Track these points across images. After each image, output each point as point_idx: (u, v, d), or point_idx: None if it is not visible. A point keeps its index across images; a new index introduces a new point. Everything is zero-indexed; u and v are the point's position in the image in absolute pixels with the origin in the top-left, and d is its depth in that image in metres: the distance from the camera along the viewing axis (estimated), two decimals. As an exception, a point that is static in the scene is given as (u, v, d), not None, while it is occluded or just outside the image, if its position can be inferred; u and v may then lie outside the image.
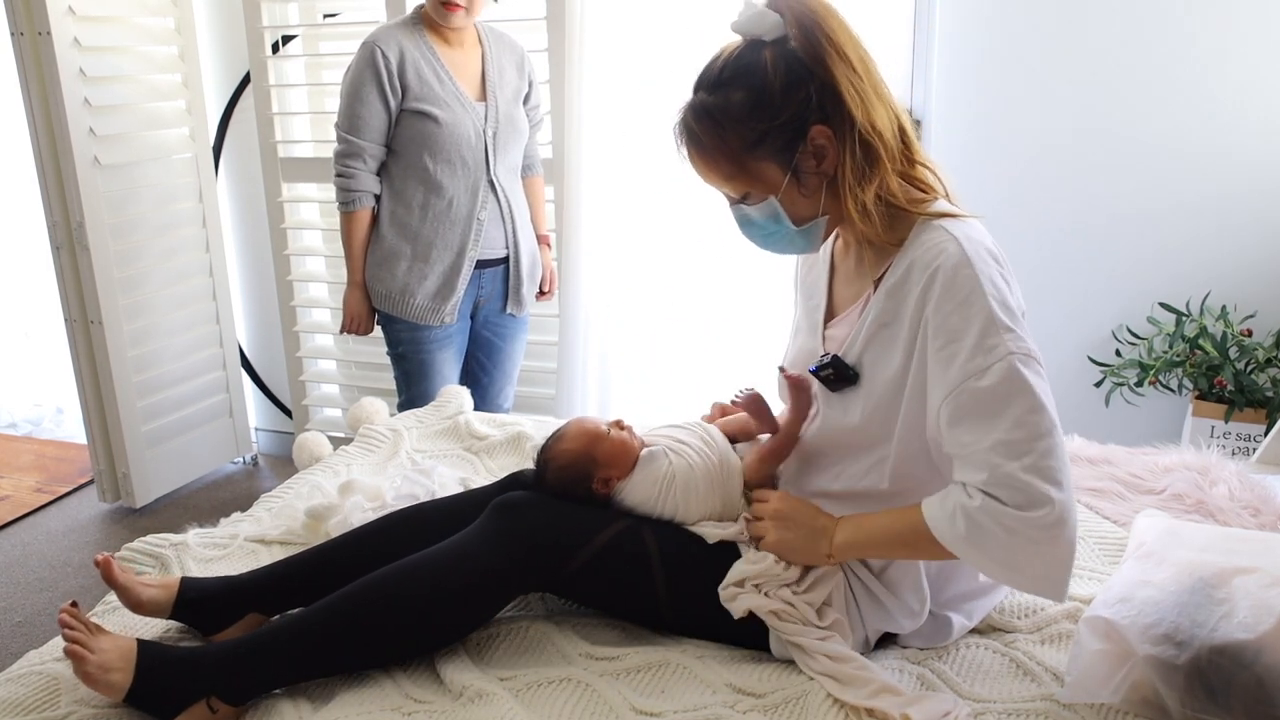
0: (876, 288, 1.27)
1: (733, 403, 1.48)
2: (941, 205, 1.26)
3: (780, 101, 1.19)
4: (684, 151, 1.27)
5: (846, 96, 1.19)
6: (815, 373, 1.31)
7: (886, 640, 1.38)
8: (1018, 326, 1.17)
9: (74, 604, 1.31)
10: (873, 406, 1.26)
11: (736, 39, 1.24)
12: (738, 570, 1.33)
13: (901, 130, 1.25)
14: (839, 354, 1.30)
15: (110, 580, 1.40)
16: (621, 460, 1.43)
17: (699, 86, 1.25)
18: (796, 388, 1.37)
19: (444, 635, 1.33)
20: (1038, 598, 1.43)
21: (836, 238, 1.39)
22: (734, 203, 1.30)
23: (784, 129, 1.20)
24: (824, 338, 1.36)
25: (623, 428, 1.48)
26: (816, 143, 1.21)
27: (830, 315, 1.38)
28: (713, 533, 1.38)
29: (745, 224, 1.31)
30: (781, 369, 1.42)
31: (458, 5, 2.24)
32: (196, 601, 1.43)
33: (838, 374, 1.29)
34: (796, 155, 1.22)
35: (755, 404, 1.44)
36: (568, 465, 1.43)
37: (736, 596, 1.31)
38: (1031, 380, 1.14)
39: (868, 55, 1.23)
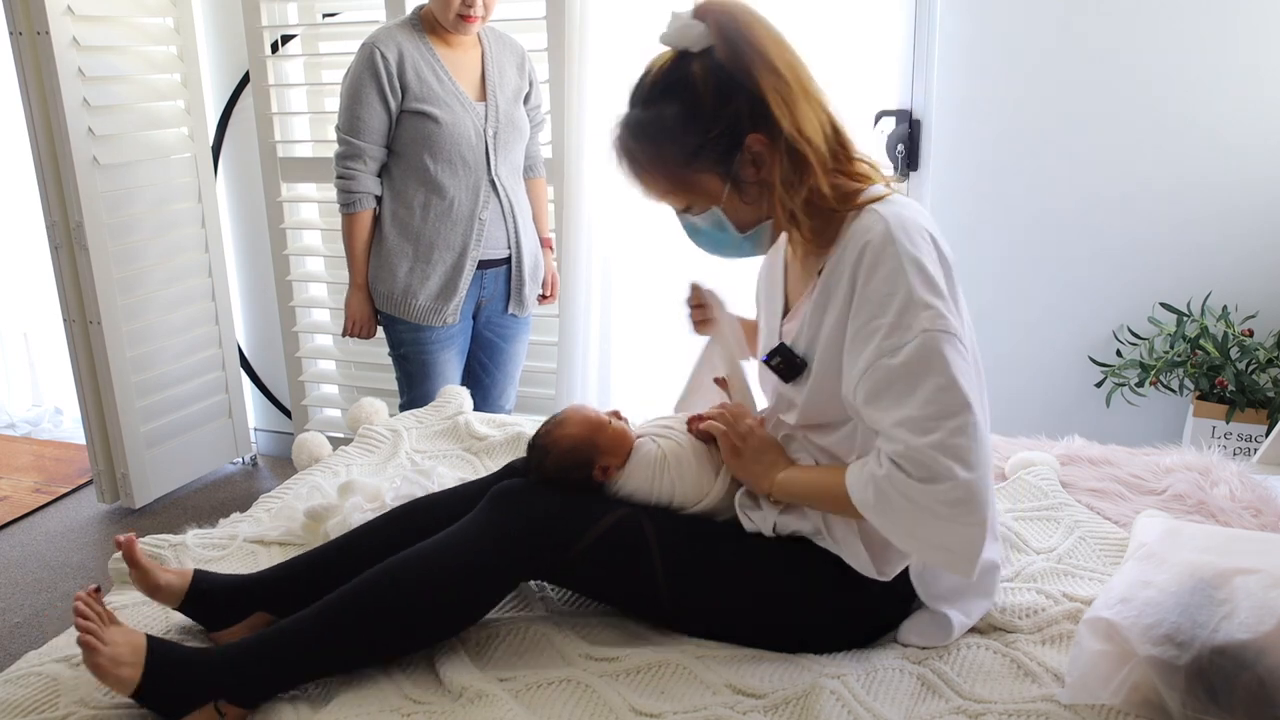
0: (818, 279, 1.30)
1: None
2: (874, 190, 1.27)
3: (712, 114, 1.21)
4: (622, 166, 1.29)
5: (773, 106, 1.20)
6: (765, 362, 1.35)
7: (887, 640, 1.38)
8: (940, 303, 1.17)
9: (97, 589, 1.30)
10: (824, 389, 1.29)
11: (667, 51, 1.24)
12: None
13: (835, 130, 1.26)
14: (789, 344, 1.33)
15: (132, 561, 1.40)
16: (620, 449, 1.45)
17: (632, 101, 1.27)
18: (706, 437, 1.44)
19: (448, 626, 1.33)
20: (1037, 597, 1.43)
21: (789, 240, 1.41)
22: (679, 213, 1.32)
23: (719, 140, 1.22)
24: (780, 333, 1.39)
25: (620, 418, 1.50)
26: (753, 150, 1.22)
27: (786, 312, 1.41)
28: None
29: (693, 233, 1.34)
30: (688, 424, 1.48)
31: (475, 18, 2.25)
32: (208, 594, 1.43)
33: (786, 362, 1.32)
34: (734, 164, 1.23)
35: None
36: (571, 450, 1.44)
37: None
38: (947, 357, 1.15)
39: (796, 59, 1.23)
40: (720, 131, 1.21)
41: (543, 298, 2.65)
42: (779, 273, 1.43)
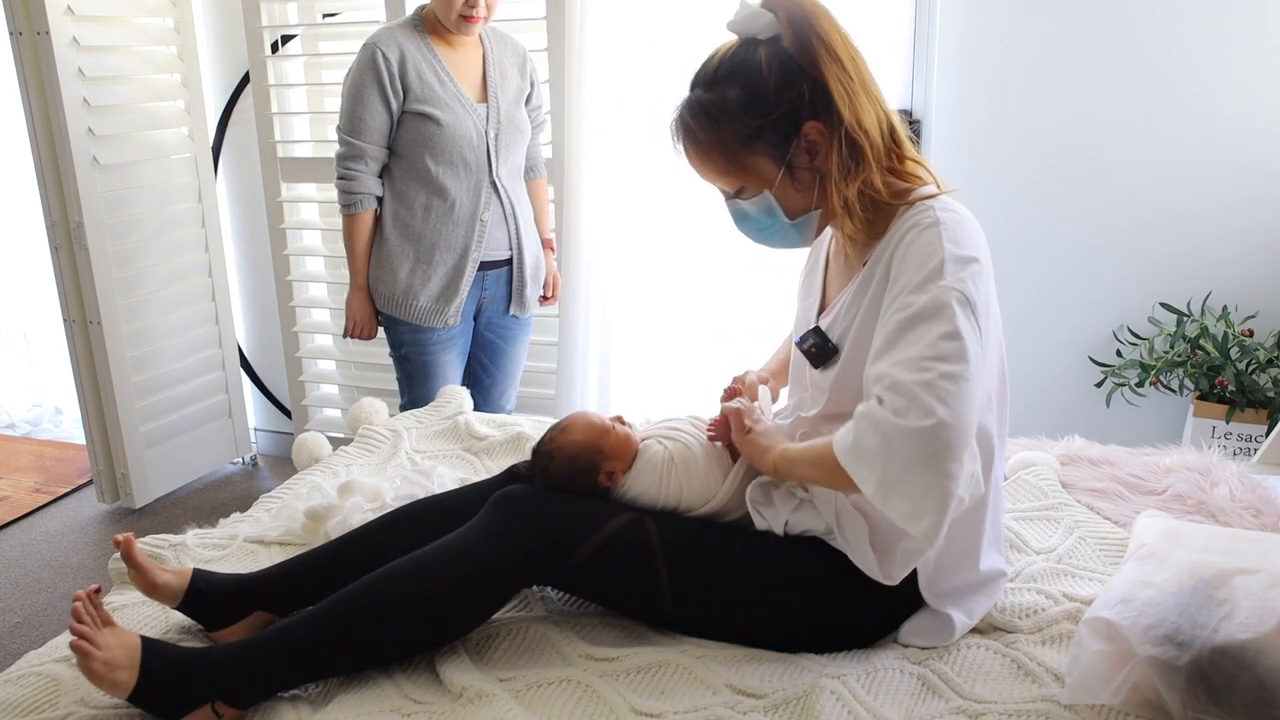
0: (862, 269, 1.31)
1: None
2: (926, 190, 1.29)
3: (774, 98, 1.23)
4: (680, 147, 1.32)
5: (836, 95, 1.23)
6: (799, 344, 1.37)
7: (887, 640, 1.38)
8: (966, 275, 1.18)
9: (97, 590, 1.30)
10: (855, 372, 1.29)
11: (732, 38, 1.28)
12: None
13: (891, 129, 1.29)
14: (824, 328, 1.34)
15: (130, 560, 1.40)
16: (625, 454, 1.44)
17: (695, 84, 1.30)
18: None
19: (449, 632, 1.33)
20: (1037, 597, 1.43)
21: (832, 239, 1.43)
22: (729, 197, 1.34)
23: (778, 124, 1.24)
24: (816, 324, 1.40)
25: (624, 423, 1.49)
26: (810, 138, 1.25)
27: (822, 309, 1.41)
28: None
29: (740, 218, 1.35)
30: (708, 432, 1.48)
31: (477, 18, 2.25)
32: (207, 593, 1.43)
33: (818, 346, 1.34)
34: (790, 150, 1.26)
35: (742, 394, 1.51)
36: (575, 456, 1.44)
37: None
38: (956, 311, 1.15)
39: (858, 54, 1.27)
40: (780, 115, 1.24)
41: (544, 299, 2.65)
42: (819, 270, 1.45)
